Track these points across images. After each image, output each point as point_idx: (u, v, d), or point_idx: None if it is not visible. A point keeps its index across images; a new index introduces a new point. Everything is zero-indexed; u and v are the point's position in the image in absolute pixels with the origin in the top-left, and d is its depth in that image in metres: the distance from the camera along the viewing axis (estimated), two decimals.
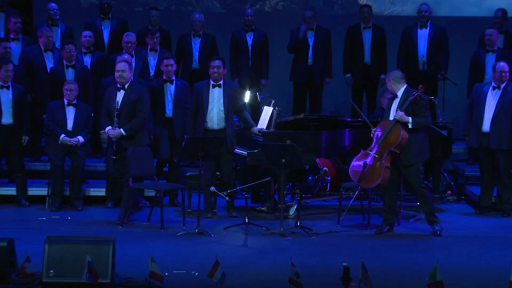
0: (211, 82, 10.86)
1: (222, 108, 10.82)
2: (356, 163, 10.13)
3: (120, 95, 10.68)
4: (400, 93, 10.06)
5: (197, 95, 10.90)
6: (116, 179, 10.93)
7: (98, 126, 11.65)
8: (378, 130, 10.04)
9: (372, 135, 10.08)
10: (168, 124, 11.33)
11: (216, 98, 10.83)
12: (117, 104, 10.66)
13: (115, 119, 10.54)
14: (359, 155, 10.17)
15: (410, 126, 9.83)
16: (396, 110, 9.92)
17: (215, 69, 10.84)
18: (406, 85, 10.15)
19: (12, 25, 12.54)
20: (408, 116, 9.84)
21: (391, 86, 10.14)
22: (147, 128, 11.01)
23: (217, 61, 10.93)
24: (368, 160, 9.93)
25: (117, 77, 10.69)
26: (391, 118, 10.02)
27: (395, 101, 10.16)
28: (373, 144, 9.98)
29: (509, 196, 11.24)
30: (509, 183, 11.23)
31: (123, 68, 10.69)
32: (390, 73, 10.24)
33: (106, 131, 10.58)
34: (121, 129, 10.53)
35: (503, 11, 12.93)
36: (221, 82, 10.86)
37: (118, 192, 10.93)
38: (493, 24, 12.77)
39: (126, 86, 10.68)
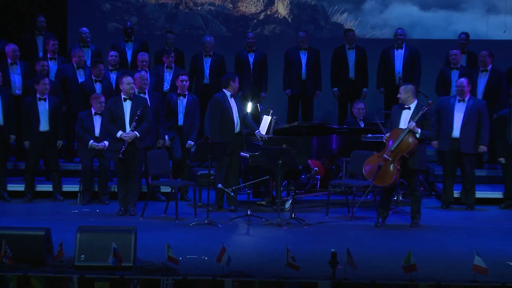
0: (228, 93, 10.86)
1: (238, 115, 10.85)
2: (370, 165, 10.04)
3: (127, 105, 10.58)
4: (413, 106, 9.99)
5: (220, 104, 10.80)
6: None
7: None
8: (391, 136, 9.94)
9: (385, 140, 9.99)
10: (179, 131, 11.32)
11: (234, 106, 10.85)
12: (126, 111, 10.56)
13: (133, 123, 10.50)
14: (371, 157, 10.10)
15: (418, 136, 9.80)
16: (409, 121, 9.87)
17: (232, 84, 10.85)
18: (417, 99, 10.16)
19: (50, 46, 12.53)
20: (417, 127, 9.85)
21: (407, 98, 10.01)
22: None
23: (235, 77, 10.97)
24: (383, 162, 9.91)
25: (128, 89, 10.55)
26: (402, 126, 9.94)
27: (405, 111, 10.02)
28: (388, 149, 9.89)
29: (473, 192, 11.24)
30: (473, 181, 11.23)
31: (132, 81, 10.64)
32: (408, 87, 10.04)
33: (119, 135, 10.49)
34: (135, 132, 10.49)
35: (466, 34, 12.92)
36: (236, 94, 10.92)
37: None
38: (458, 45, 12.77)
39: (133, 96, 10.64)
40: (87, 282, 7.76)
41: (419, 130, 9.81)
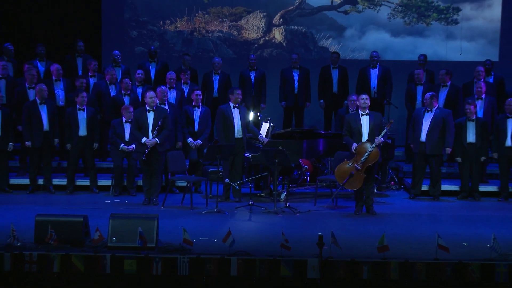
0: (232, 105, 10.84)
1: (240, 123, 10.83)
2: (341, 171, 10.00)
3: (150, 115, 10.55)
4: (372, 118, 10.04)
5: (223, 114, 10.81)
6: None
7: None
8: (359, 149, 9.89)
9: (354, 151, 9.91)
10: (194, 136, 11.28)
11: (237, 115, 10.83)
12: (149, 121, 10.55)
13: (155, 132, 10.49)
14: (342, 164, 10.04)
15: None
16: (376, 137, 9.85)
17: (240, 96, 10.86)
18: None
19: (92, 66, 12.58)
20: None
21: (366, 106, 10.01)
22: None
23: (238, 91, 10.94)
24: (354, 172, 9.86)
25: (150, 102, 10.52)
26: (364, 129, 9.93)
27: (364, 117, 9.96)
28: (359, 161, 9.83)
29: (439, 186, 11.23)
30: (438, 177, 11.22)
31: (154, 95, 10.63)
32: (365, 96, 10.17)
33: (143, 141, 10.47)
34: (156, 139, 10.48)
35: (424, 56, 12.92)
36: (239, 105, 10.88)
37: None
38: (418, 65, 12.77)
39: (155, 108, 10.63)
40: (117, 260, 7.75)
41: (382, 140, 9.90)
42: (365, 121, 10.02)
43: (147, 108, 10.54)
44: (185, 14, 14.51)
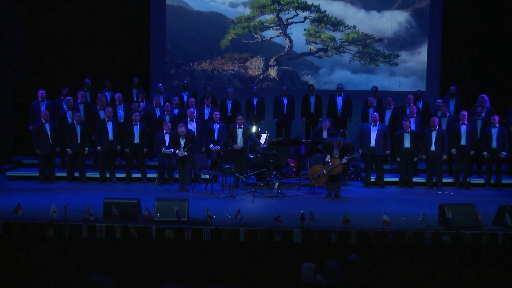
0: (237, 125, 10.85)
1: (241, 138, 10.82)
2: (312, 171, 10.02)
3: (182, 139, 10.59)
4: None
5: (232, 131, 10.86)
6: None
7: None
8: (331, 160, 9.92)
9: (327, 160, 9.94)
10: (214, 143, 11.25)
11: (240, 133, 10.82)
12: (181, 140, 10.60)
13: (186, 149, 10.51)
14: (315, 166, 10.06)
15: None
16: (345, 157, 9.92)
17: (240, 120, 10.87)
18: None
19: (141, 94, 12.61)
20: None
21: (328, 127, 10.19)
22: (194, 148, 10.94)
23: (240, 116, 10.95)
24: (321, 174, 9.89)
25: (181, 132, 10.58)
26: (336, 148, 9.95)
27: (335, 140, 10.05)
28: (328, 168, 9.87)
29: (382, 177, 11.18)
30: (382, 171, 11.18)
31: (184, 127, 10.64)
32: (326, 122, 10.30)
33: (176, 152, 10.53)
34: (185, 153, 10.48)
35: (375, 87, 12.85)
36: (242, 125, 10.85)
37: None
38: (371, 94, 12.74)
39: (184, 134, 10.62)
40: (160, 230, 7.76)
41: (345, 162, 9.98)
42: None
43: (180, 135, 10.62)
44: (208, 58, 14.49)
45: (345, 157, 9.94)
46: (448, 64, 13.89)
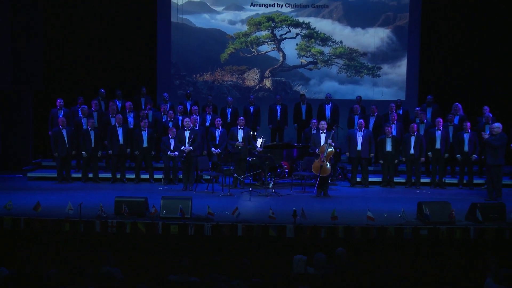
0: (238, 127, 10.83)
1: (242, 138, 10.82)
2: (315, 167, 10.01)
3: (186, 133, 10.62)
4: (326, 132, 10.23)
5: (233, 132, 10.87)
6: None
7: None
8: (320, 150, 9.97)
9: (318, 152, 10.00)
10: (216, 147, 11.22)
11: (240, 133, 10.81)
12: (186, 137, 10.61)
13: (189, 143, 10.49)
14: (314, 163, 10.06)
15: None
16: (328, 139, 10.01)
17: (242, 122, 10.88)
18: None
19: (149, 103, 12.61)
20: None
21: (325, 128, 10.28)
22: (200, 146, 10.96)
23: (242, 118, 10.97)
24: (323, 164, 9.89)
25: (186, 125, 10.64)
26: (323, 142, 10.02)
27: (322, 134, 10.16)
28: (322, 156, 9.92)
29: (367, 178, 11.16)
30: (366, 172, 11.17)
31: (189, 121, 10.72)
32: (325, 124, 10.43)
33: (182, 148, 10.50)
34: (190, 147, 10.46)
35: (360, 97, 12.86)
36: (242, 127, 10.84)
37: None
38: (356, 102, 12.75)
39: (190, 129, 10.62)
40: (166, 225, 7.76)
41: (332, 143, 9.97)
42: (322, 137, 10.19)
43: (185, 128, 10.58)
44: (209, 70, 14.50)
45: (329, 139, 9.98)
46: (426, 75, 13.96)
